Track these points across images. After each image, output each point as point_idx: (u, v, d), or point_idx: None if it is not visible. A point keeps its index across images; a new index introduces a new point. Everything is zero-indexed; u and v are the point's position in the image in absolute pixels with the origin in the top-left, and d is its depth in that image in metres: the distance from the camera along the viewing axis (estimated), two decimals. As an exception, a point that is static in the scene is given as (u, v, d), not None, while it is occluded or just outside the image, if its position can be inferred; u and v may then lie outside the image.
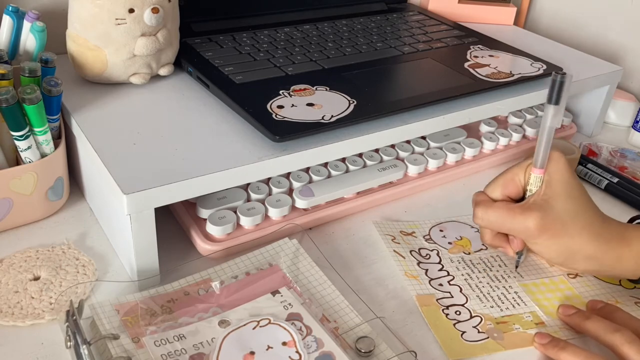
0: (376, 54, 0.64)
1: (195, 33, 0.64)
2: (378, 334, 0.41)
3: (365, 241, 0.52)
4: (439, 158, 0.59)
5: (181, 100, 0.54)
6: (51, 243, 0.49)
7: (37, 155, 0.48)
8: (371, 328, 0.42)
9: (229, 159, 0.46)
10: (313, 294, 0.44)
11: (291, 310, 0.42)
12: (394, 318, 0.44)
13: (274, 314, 0.41)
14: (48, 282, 0.45)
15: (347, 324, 0.42)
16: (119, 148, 0.46)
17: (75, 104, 0.51)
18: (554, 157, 0.46)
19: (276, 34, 0.67)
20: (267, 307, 0.42)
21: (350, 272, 0.48)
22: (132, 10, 0.50)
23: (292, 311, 0.42)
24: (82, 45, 0.52)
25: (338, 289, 0.44)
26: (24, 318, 0.42)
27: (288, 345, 0.39)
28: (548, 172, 0.46)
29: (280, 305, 0.42)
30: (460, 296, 0.46)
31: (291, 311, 0.42)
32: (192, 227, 0.49)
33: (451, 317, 0.44)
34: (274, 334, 0.40)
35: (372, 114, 0.52)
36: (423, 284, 0.47)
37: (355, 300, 0.45)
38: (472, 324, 0.44)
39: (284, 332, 0.40)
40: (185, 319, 0.41)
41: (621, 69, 0.71)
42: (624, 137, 0.75)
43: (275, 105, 0.51)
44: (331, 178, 0.54)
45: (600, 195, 0.62)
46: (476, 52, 0.67)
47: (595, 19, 0.85)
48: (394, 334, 0.42)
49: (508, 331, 0.43)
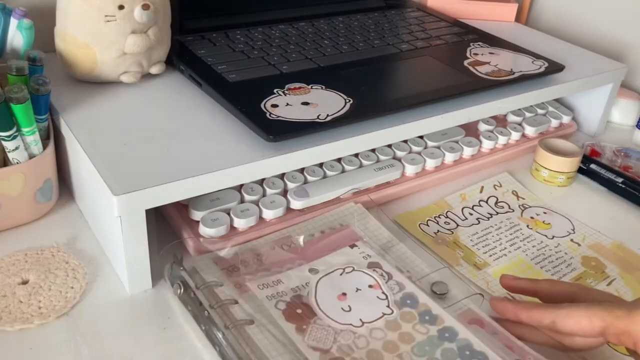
0: (373, 52, 0.63)
1: (188, 30, 0.63)
2: (447, 281, 0.46)
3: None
4: (436, 157, 0.59)
5: (173, 100, 0.53)
6: (40, 246, 0.48)
7: (25, 156, 0.48)
8: (440, 276, 0.47)
9: (222, 159, 0.45)
10: (384, 249, 0.49)
11: (370, 260, 0.46)
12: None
13: (357, 264, 0.45)
14: (37, 286, 0.44)
15: (418, 274, 0.47)
16: (109, 148, 0.45)
17: (64, 104, 0.51)
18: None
19: (271, 31, 0.66)
20: (348, 258, 0.46)
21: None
22: (122, 6, 0.49)
23: (371, 261, 0.46)
24: (70, 43, 0.52)
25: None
26: (12, 323, 0.41)
27: (374, 287, 0.43)
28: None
29: (360, 257, 0.46)
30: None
31: (370, 261, 0.46)
32: (185, 229, 0.48)
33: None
34: (359, 278, 0.44)
35: (369, 113, 0.51)
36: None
37: (422, 254, 0.50)
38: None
39: (368, 277, 0.44)
40: (275, 269, 0.45)
41: (625, 67, 0.70)
42: (628, 137, 0.74)
43: (269, 104, 0.50)
44: (327, 178, 0.54)
45: (604, 196, 0.61)
46: (476, 50, 0.66)
47: (599, 15, 0.85)
48: (462, 280, 0.48)
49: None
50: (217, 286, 0.42)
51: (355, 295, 0.43)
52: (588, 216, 0.57)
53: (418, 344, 0.39)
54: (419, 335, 0.40)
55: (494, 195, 0.59)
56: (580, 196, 0.61)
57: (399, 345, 0.39)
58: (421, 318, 0.41)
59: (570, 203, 0.60)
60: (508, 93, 0.60)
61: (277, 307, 0.42)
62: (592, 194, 0.62)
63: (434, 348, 0.39)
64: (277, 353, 0.38)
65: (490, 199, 0.59)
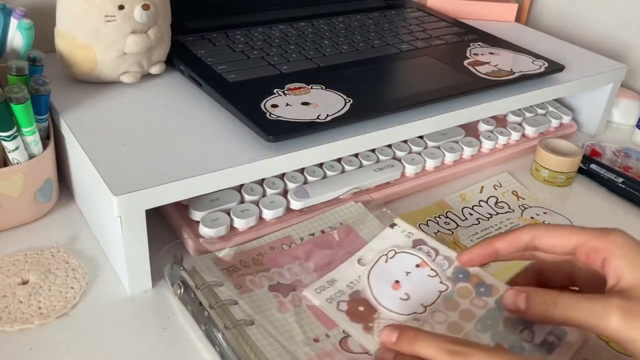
0: (373, 52, 0.63)
1: (188, 30, 0.63)
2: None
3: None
4: (436, 157, 0.59)
5: (173, 100, 0.53)
6: (40, 246, 0.48)
7: (25, 156, 0.47)
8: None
9: (222, 159, 0.45)
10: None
11: (414, 238, 0.45)
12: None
13: (399, 245, 0.45)
14: (37, 286, 0.44)
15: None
16: (109, 148, 0.45)
17: (64, 104, 0.51)
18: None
19: (270, 31, 0.66)
20: (390, 240, 0.45)
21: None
22: (122, 6, 0.49)
23: (415, 238, 0.45)
24: (70, 43, 0.51)
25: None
26: (12, 323, 0.41)
27: (421, 266, 0.43)
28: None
29: (402, 235, 0.45)
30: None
31: (414, 238, 0.45)
32: (184, 230, 0.48)
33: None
34: (405, 261, 0.43)
35: (369, 113, 0.51)
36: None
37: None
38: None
39: (412, 256, 0.43)
40: (275, 269, 0.45)
41: (625, 67, 0.70)
42: (628, 137, 0.74)
43: (269, 105, 0.50)
44: (327, 179, 0.54)
45: (604, 196, 0.61)
46: (476, 50, 0.66)
47: (599, 15, 0.85)
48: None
49: None
50: (217, 286, 0.42)
51: (407, 279, 0.42)
52: (588, 216, 0.57)
53: (480, 320, 0.39)
54: (478, 311, 0.39)
55: (494, 196, 0.59)
56: (580, 196, 0.61)
57: (463, 325, 0.39)
58: (477, 291, 0.40)
59: (570, 203, 0.60)
60: (508, 93, 0.60)
61: (340, 308, 0.41)
62: (592, 194, 0.62)
63: (496, 321, 0.38)
64: (277, 353, 0.38)
65: (490, 199, 0.59)
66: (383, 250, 0.44)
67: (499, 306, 0.39)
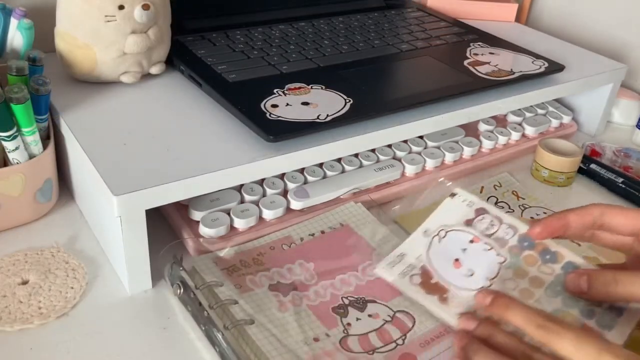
0: (373, 52, 0.63)
1: (188, 30, 0.63)
2: None
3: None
4: (436, 157, 0.59)
5: (173, 100, 0.53)
6: (40, 246, 0.48)
7: (25, 156, 0.47)
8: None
9: (222, 159, 0.45)
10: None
11: (476, 207, 0.45)
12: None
13: (462, 214, 0.44)
14: (37, 286, 0.44)
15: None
16: (109, 148, 0.45)
17: (64, 104, 0.51)
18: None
19: (270, 31, 0.66)
20: (452, 212, 0.45)
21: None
22: (122, 6, 0.49)
23: (477, 207, 0.45)
24: (70, 43, 0.51)
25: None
26: (12, 323, 0.41)
27: (475, 241, 0.43)
28: None
29: (464, 205, 0.45)
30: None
31: (476, 207, 0.45)
32: (184, 230, 0.48)
33: None
34: (458, 238, 0.44)
35: (369, 113, 0.51)
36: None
37: None
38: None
39: (463, 233, 0.44)
40: (275, 269, 0.45)
41: (625, 67, 0.70)
42: (628, 137, 0.74)
43: (269, 105, 0.50)
44: (327, 179, 0.54)
45: (604, 196, 0.61)
46: (476, 50, 0.66)
47: (599, 15, 0.85)
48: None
49: None
50: (217, 286, 0.42)
51: (465, 255, 0.43)
52: (588, 216, 0.57)
53: (549, 286, 0.39)
54: (547, 277, 0.40)
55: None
56: (581, 196, 0.61)
57: (533, 291, 0.39)
58: (542, 258, 0.41)
59: (570, 203, 0.59)
60: (508, 93, 0.60)
61: (413, 282, 0.42)
62: (592, 194, 0.62)
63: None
64: (277, 352, 0.38)
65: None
66: (447, 224, 0.44)
67: (567, 272, 0.40)
